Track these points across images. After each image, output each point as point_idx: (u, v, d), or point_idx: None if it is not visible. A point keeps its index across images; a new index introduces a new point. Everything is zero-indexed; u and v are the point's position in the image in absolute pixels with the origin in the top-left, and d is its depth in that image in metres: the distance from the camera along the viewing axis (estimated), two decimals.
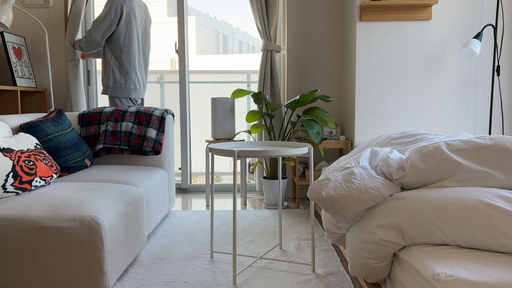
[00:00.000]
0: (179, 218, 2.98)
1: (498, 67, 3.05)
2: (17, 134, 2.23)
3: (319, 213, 3.09)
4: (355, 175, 1.55)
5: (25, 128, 2.35)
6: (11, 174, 1.81)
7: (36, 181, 1.92)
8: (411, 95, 3.20)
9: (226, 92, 4.38)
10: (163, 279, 1.95)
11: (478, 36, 2.97)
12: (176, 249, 2.36)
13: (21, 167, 1.86)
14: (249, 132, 3.36)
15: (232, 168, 4.47)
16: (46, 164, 2.03)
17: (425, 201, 1.37)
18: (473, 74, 3.20)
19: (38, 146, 2.10)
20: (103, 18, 3.05)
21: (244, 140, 3.49)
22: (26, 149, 1.98)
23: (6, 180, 1.78)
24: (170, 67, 5.37)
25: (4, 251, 1.64)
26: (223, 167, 4.54)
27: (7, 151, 1.86)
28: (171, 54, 5.36)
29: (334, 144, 3.30)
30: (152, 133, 2.83)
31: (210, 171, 3.57)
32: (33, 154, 2.00)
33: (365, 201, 1.49)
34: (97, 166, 2.71)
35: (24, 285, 1.66)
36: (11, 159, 1.84)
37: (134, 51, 3.19)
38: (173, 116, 3.07)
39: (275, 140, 3.47)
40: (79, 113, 2.94)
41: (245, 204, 3.43)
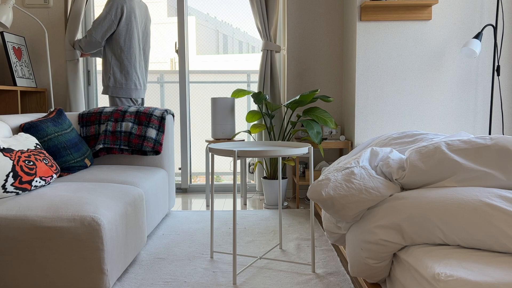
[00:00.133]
0: (179, 218, 2.98)
1: (498, 67, 3.05)
2: (17, 134, 2.23)
3: (319, 213, 3.09)
4: (355, 175, 1.55)
5: (25, 128, 2.35)
6: (11, 174, 1.81)
7: (36, 181, 1.92)
8: (411, 95, 3.20)
9: (226, 92, 4.37)
10: (163, 279, 1.95)
11: (478, 36, 2.97)
12: (176, 249, 2.36)
13: (21, 167, 1.86)
14: (249, 132, 3.36)
15: (232, 168, 4.47)
16: (46, 164, 2.03)
17: (425, 201, 1.37)
18: (473, 74, 3.20)
19: (38, 146, 2.10)
20: (103, 18, 3.05)
21: (244, 140, 3.49)
22: (26, 149, 1.98)
23: (6, 180, 1.78)
24: (170, 67, 5.36)
25: (4, 251, 1.64)
26: (223, 167, 4.54)
27: (7, 151, 1.86)
28: (171, 54, 5.36)
29: (334, 144, 3.30)
30: (152, 133, 2.83)
31: (210, 171, 3.57)
32: (33, 154, 2.00)
33: (365, 201, 1.49)
34: (97, 166, 2.71)
35: (24, 285, 1.66)
36: (11, 159, 1.84)
37: (135, 51, 3.19)
38: (173, 116, 3.07)
39: (275, 140, 3.47)
40: (79, 113, 2.94)
41: (245, 204, 3.43)
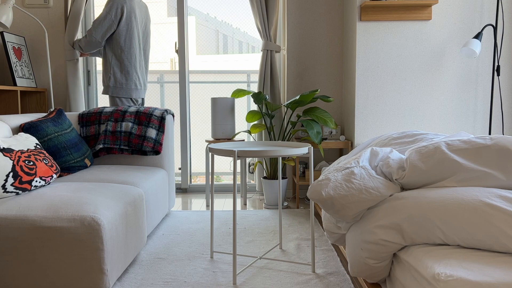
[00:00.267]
0: (179, 218, 2.98)
1: (498, 67, 3.05)
2: (17, 134, 2.23)
3: (319, 213, 3.09)
4: (355, 175, 1.55)
5: (25, 128, 2.35)
6: (11, 174, 1.81)
7: (36, 181, 1.92)
8: (411, 95, 3.20)
9: (226, 92, 4.37)
10: (163, 279, 1.95)
11: (478, 36, 2.97)
12: (176, 249, 2.36)
13: (21, 167, 1.86)
14: (249, 132, 3.36)
15: (232, 168, 4.47)
16: (46, 164, 2.03)
17: (425, 201, 1.37)
18: (473, 74, 3.20)
19: (38, 146, 2.10)
20: (103, 18, 3.05)
21: (244, 140, 3.49)
22: (26, 149, 1.98)
23: (6, 180, 1.78)
24: (170, 67, 5.37)
25: (4, 251, 1.64)
26: (223, 167, 4.54)
27: (7, 151, 1.86)
28: (171, 54, 5.36)
29: (334, 144, 3.30)
30: (152, 133, 2.83)
31: (210, 171, 3.57)
32: (33, 154, 2.00)
33: (365, 201, 1.49)
34: (97, 166, 2.71)
35: (24, 285, 1.66)
36: (11, 159, 1.84)
37: (135, 51, 3.19)
38: (173, 116, 3.07)
39: (275, 140, 3.47)
40: (79, 113, 2.94)
41: (245, 204, 3.43)
